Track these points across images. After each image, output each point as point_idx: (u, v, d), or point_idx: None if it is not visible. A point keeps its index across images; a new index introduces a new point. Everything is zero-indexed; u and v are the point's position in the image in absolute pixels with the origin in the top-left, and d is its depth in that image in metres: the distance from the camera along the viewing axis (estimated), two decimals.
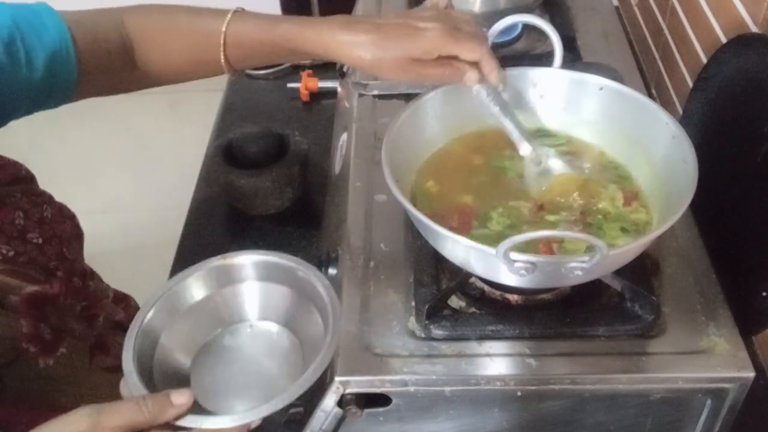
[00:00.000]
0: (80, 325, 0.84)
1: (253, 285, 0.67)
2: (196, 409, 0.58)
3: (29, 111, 0.79)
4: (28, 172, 0.84)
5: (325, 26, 0.75)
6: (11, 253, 0.77)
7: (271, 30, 0.78)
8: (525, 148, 0.79)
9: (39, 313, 0.78)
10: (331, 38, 0.75)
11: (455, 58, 0.74)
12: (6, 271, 0.76)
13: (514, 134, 0.79)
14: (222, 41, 0.79)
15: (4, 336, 0.74)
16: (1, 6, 0.75)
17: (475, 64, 0.75)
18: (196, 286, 0.66)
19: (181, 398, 0.56)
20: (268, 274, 0.66)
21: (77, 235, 0.89)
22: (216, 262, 0.66)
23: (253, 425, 0.58)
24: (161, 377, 0.60)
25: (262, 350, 0.66)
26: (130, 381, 0.58)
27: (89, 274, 0.90)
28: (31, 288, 0.78)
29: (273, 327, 0.67)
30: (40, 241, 0.80)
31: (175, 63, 0.84)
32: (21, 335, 0.75)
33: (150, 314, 0.63)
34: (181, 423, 0.56)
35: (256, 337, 0.66)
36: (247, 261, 0.66)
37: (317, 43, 0.76)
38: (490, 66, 0.76)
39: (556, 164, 0.80)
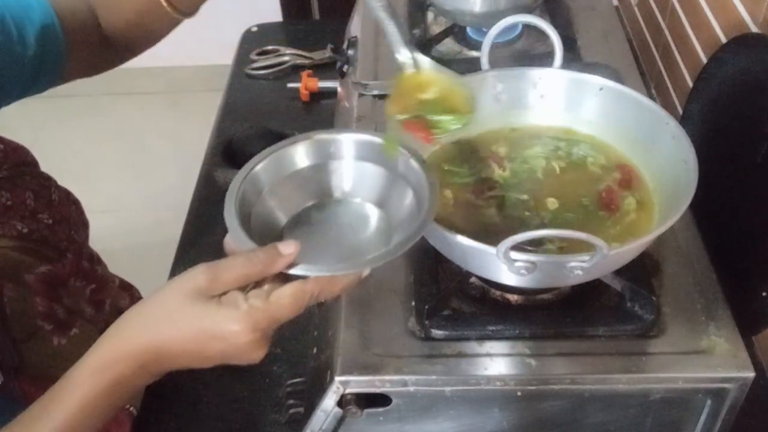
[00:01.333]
0: (90, 308, 0.87)
1: (352, 162, 0.69)
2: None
3: (20, 95, 0.80)
4: (33, 157, 0.87)
5: None
6: (25, 230, 0.80)
7: None
8: (403, 54, 0.75)
9: (53, 293, 0.81)
10: None
11: None
12: (21, 248, 0.78)
13: (394, 38, 0.75)
14: None
15: (21, 312, 0.76)
16: None
17: None
18: (301, 154, 0.68)
19: (288, 248, 0.58)
20: (367, 154, 0.68)
21: (83, 222, 0.92)
22: (322, 135, 0.68)
23: (364, 274, 0.61)
24: (258, 232, 0.62)
25: (353, 223, 0.68)
26: (237, 236, 0.60)
27: (96, 259, 0.93)
28: (44, 267, 0.80)
29: (365, 204, 0.69)
30: (50, 221, 0.83)
31: (126, 15, 0.83)
32: (36, 312, 0.78)
33: (257, 168, 0.65)
34: (294, 271, 0.58)
35: (348, 211, 0.69)
36: (349, 138, 0.69)
37: None
38: None
39: (427, 65, 0.76)
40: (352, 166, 0.69)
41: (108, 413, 0.60)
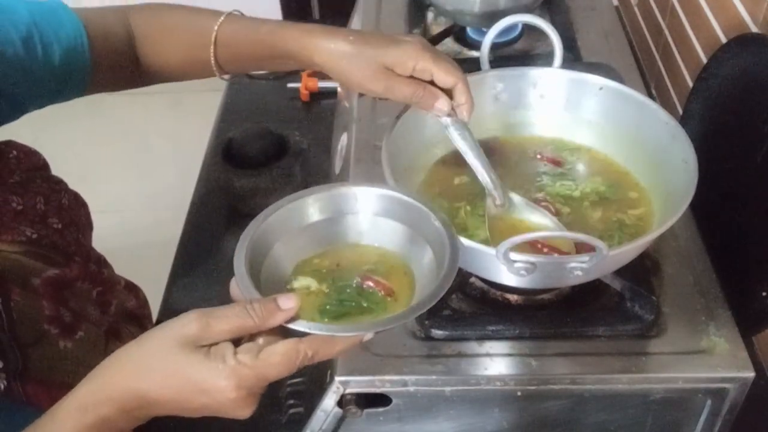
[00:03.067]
0: (95, 310, 0.87)
1: (369, 217, 0.66)
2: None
3: (43, 104, 0.81)
4: (44, 160, 0.87)
5: (307, 29, 0.76)
6: (35, 236, 0.80)
7: (257, 28, 0.80)
8: (497, 197, 0.75)
9: (59, 296, 0.80)
10: (309, 39, 0.75)
11: (430, 83, 0.72)
12: (29, 253, 0.78)
13: (485, 180, 0.74)
14: (213, 39, 0.80)
15: (28, 316, 0.76)
16: (19, 2, 0.77)
17: (449, 94, 0.73)
18: (313, 208, 0.65)
19: (288, 302, 0.55)
20: (386, 209, 0.66)
21: (89, 224, 0.92)
22: (337, 188, 0.66)
23: (365, 338, 0.58)
24: (267, 287, 0.59)
25: None
26: (242, 283, 0.57)
27: (103, 262, 0.93)
28: (51, 271, 0.80)
29: None
30: (60, 226, 0.84)
31: (172, 61, 0.86)
32: (43, 316, 0.78)
33: (266, 223, 0.63)
34: (292, 326, 0.55)
35: None
36: (367, 193, 0.66)
37: (297, 42, 0.76)
38: (464, 96, 0.73)
39: (521, 212, 0.76)
40: (369, 221, 0.66)
41: None
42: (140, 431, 0.61)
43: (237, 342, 0.56)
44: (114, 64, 0.84)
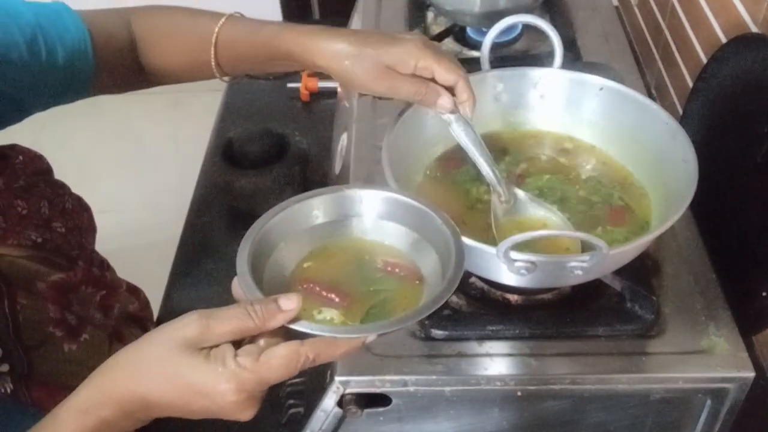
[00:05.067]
0: (99, 314, 0.87)
1: (373, 220, 0.66)
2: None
3: (46, 106, 0.81)
4: (48, 164, 0.87)
5: (308, 30, 0.76)
6: (39, 240, 0.80)
7: (257, 30, 0.79)
8: (501, 193, 0.75)
9: (64, 300, 0.81)
10: (311, 41, 0.75)
11: (432, 80, 0.72)
12: (35, 258, 0.79)
13: (489, 177, 0.75)
14: (213, 41, 0.80)
15: (33, 319, 0.76)
16: (24, 5, 0.77)
17: (450, 92, 0.73)
18: (318, 210, 0.65)
19: (289, 303, 0.54)
20: (390, 211, 0.65)
21: (92, 227, 0.93)
22: (342, 191, 0.65)
23: (368, 340, 0.57)
24: (271, 287, 0.59)
25: None
26: (244, 282, 0.57)
27: (106, 265, 0.93)
28: (57, 275, 0.81)
29: None
30: (64, 230, 0.84)
31: (173, 63, 0.86)
32: (48, 319, 0.78)
33: (270, 223, 0.62)
34: (294, 327, 0.55)
35: None
36: (372, 195, 0.65)
37: (298, 45, 0.76)
38: (466, 93, 0.73)
39: (526, 208, 0.76)
40: (374, 224, 0.66)
41: None
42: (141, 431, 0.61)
43: (238, 343, 0.55)
44: (117, 66, 0.84)
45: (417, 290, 0.61)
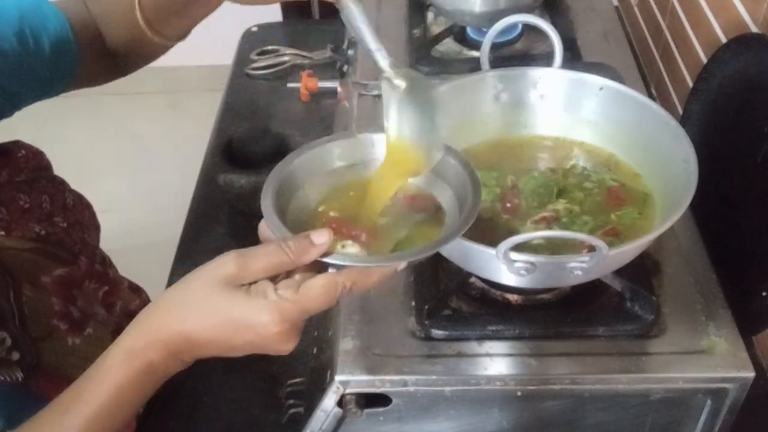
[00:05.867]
0: (102, 310, 0.88)
1: None
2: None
3: (35, 98, 0.82)
4: (48, 161, 0.88)
5: None
6: (43, 233, 0.81)
7: None
8: (384, 63, 0.67)
9: (68, 294, 0.82)
10: None
11: None
12: (39, 251, 0.80)
13: (373, 45, 0.67)
14: None
15: (38, 311, 0.77)
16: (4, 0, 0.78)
17: None
18: (336, 153, 0.67)
19: (321, 237, 0.56)
20: None
21: (95, 225, 0.94)
22: (361, 134, 0.67)
23: (399, 268, 0.59)
24: (295, 229, 0.60)
25: None
26: (272, 223, 0.58)
27: (108, 262, 0.94)
28: (61, 269, 0.82)
29: None
30: (65, 225, 0.85)
31: (118, 37, 0.85)
32: (53, 312, 0.79)
33: (290, 167, 0.64)
34: (327, 260, 0.57)
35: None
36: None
37: None
38: None
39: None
40: None
41: (139, 401, 0.60)
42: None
43: (274, 280, 0.57)
44: (97, 51, 0.85)
45: (437, 221, 0.63)
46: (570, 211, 0.77)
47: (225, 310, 0.56)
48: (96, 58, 0.85)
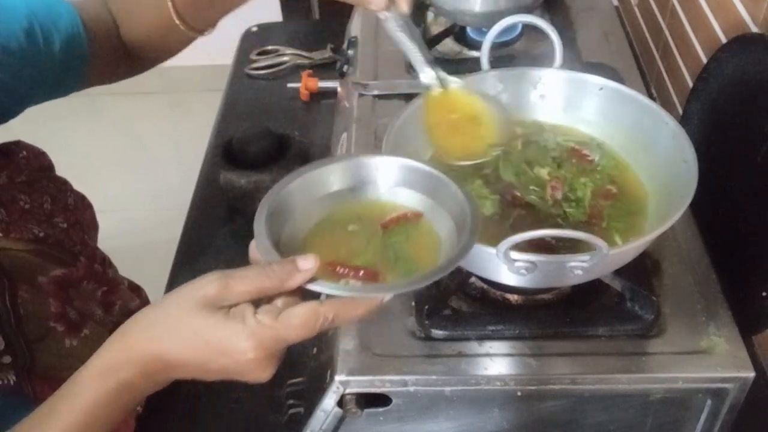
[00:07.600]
0: (100, 310, 0.87)
1: (389, 187, 0.66)
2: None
3: (43, 98, 0.81)
4: (50, 161, 0.88)
5: None
6: (42, 234, 0.80)
7: None
8: (427, 75, 0.76)
9: (65, 295, 0.81)
10: None
11: None
12: (37, 252, 0.79)
13: (416, 59, 0.75)
14: None
15: (34, 313, 0.77)
16: None
17: None
18: (334, 176, 0.66)
19: (307, 263, 0.55)
20: (406, 178, 0.66)
21: (95, 225, 0.93)
22: (358, 158, 0.66)
23: (385, 299, 0.57)
24: (287, 254, 0.59)
25: None
26: (261, 244, 0.57)
27: (108, 262, 0.94)
28: (58, 270, 0.81)
29: None
30: (66, 225, 0.85)
31: (144, 30, 0.85)
32: (49, 314, 0.78)
33: (287, 189, 0.63)
34: (311, 287, 0.55)
35: None
36: (387, 162, 0.66)
37: None
38: None
39: (453, 83, 0.77)
40: (389, 191, 0.66)
41: (116, 417, 0.59)
42: None
43: (256, 304, 0.55)
44: (107, 50, 0.84)
45: (433, 248, 0.62)
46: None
47: (202, 332, 0.54)
48: (108, 56, 0.85)
